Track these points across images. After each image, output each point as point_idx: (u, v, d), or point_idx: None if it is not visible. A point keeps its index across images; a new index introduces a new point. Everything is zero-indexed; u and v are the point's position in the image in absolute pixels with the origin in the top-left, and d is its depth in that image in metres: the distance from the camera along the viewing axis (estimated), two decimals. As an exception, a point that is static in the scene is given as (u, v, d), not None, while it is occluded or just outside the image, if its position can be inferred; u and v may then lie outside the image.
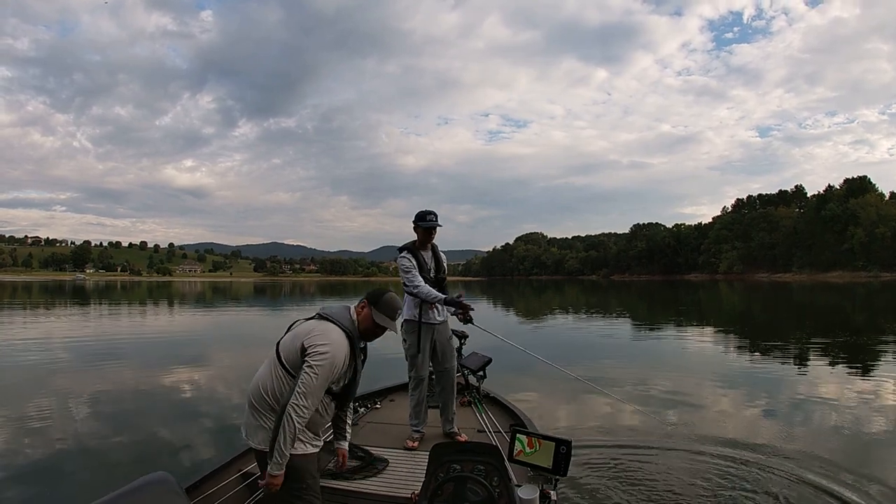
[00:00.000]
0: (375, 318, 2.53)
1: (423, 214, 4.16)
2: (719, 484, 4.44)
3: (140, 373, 9.96)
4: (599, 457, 5.08)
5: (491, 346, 5.51)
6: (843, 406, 7.09)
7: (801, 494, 4.24)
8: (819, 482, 4.45)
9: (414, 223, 4.19)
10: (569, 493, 4.18)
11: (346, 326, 2.49)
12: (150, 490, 1.97)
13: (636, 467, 4.83)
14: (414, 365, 4.17)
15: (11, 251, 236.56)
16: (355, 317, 2.57)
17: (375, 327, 2.54)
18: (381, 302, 2.55)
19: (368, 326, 2.54)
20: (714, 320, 21.90)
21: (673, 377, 9.14)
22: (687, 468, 4.80)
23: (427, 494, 2.44)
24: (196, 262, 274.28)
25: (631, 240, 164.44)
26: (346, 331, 2.48)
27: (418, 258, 4.15)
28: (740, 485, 4.43)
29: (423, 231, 4.15)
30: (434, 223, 4.14)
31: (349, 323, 2.52)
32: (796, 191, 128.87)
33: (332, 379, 2.41)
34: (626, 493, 4.28)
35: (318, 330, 2.45)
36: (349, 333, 2.48)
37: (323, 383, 2.35)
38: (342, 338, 2.45)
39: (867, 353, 11.94)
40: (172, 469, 4.59)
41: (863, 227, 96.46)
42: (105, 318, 23.79)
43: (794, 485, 4.43)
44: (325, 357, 2.35)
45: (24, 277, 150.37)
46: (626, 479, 4.56)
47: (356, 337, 2.52)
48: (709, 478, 4.58)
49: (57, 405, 7.36)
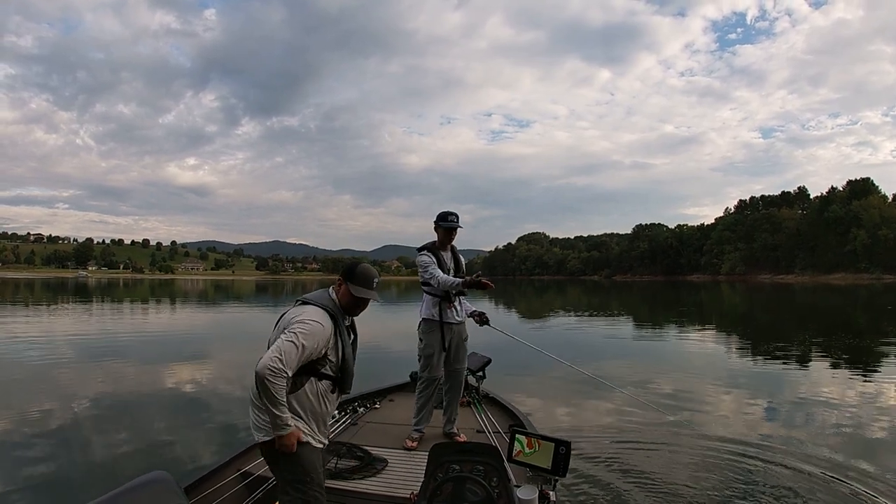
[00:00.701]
0: (353, 292, 2.54)
1: (445, 215, 4.20)
2: (721, 483, 4.44)
3: (141, 371, 9.99)
4: (599, 457, 5.07)
5: (491, 346, 5.51)
6: (845, 406, 7.09)
7: (804, 490, 4.24)
8: (821, 476, 4.46)
9: (435, 223, 4.23)
10: (568, 494, 4.17)
11: (327, 305, 2.50)
12: (149, 489, 1.96)
13: (635, 468, 4.82)
14: (429, 365, 4.15)
15: (14, 248, 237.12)
16: (335, 296, 2.58)
17: (356, 300, 2.56)
18: (355, 275, 2.57)
19: (349, 301, 2.56)
20: (716, 321, 21.90)
21: (674, 377, 9.15)
22: (687, 468, 4.80)
23: (426, 494, 2.44)
24: (198, 261, 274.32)
25: (633, 240, 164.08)
26: (327, 308, 2.48)
27: (438, 257, 4.19)
28: (742, 484, 4.43)
29: (444, 231, 4.19)
30: (455, 224, 4.18)
31: (329, 302, 2.53)
32: (799, 192, 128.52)
33: (314, 350, 2.36)
34: (625, 493, 4.28)
35: (297, 312, 2.47)
36: (330, 311, 2.48)
37: (300, 350, 2.30)
38: (323, 314, 2.45)
39: (869, 355, 11.92)
40: (172, 468, 4.60)
41: (865, 229, 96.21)
42: (107, 315, 23.84)
43: (797, 481, 4.43)
44: (304, 324, 2.35)
45: (27, 274, 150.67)
46: (626, 479, 4.56)
47: (339, 314, 2.52)
48: (710, 477, 4.57)
49: (57, 402, 7.37)
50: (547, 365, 4.52)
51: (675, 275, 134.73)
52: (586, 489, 4.33)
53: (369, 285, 2.57)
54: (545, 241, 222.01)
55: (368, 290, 2.56)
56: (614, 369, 9.98)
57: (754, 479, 4.56)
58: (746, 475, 4.66)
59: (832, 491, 4.29)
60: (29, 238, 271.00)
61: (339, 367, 2.53)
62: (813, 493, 4.25)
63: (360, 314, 2.67)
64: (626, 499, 4.19)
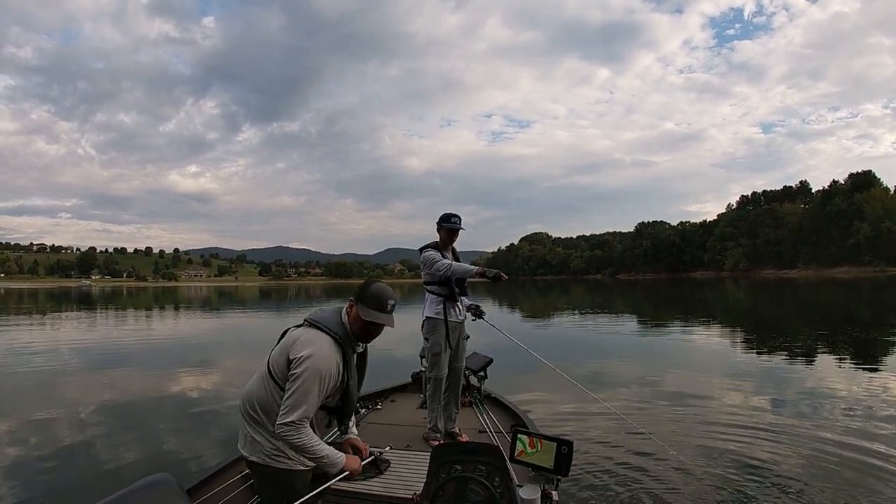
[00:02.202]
0: (364, 316, 2.31)
1: (448, 217, 4.22)
2: (722, 483, 4.41)
3: (144, 376, 10.02)
4: (601, 456, 5.06)
5: (492, 346, 5.51)
6: (853, 401, 7.03)
7: (812, 485, 4.22)
8: (826, 478, 4.43)
9: (438, 224, 4.25)
10: (570, 494, 4.16)
11: (336, 332, 2.30)
12: (151, 491, 1.95)
13: (638, 466, 4.81)
14: (437, 363, 4.16)
15: (17, 258, 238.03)
16: (346, 319, 2.37)
17: (367, 325, 2.33)
18: (366, 296, 2.33)
19: (360, 326, 2.33)
20: (721, 318, 21.82)
21: (679, 374, 9.11)
22: (691, 466, 4.78)
23: (429, 495, 2.43)
24: (201, 267, 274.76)
25: (636, 238, 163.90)
26: (335, 336, 2.29)
27: (443, 256, 4.20)
28: (748, 479, 4.41)
29: (447, 233, 4.21)
30: (458, 226, 4.20)
31: (339, 327, 2.33)
32: (801, 186, 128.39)
33: (323, 392, 2.25)
34: (628, 492, 4.27)
35: (303, 339, 2.28)
36: (339, 339, 2.30)
37: (310, 397, 2.19)
38: (330, 347, 2.27)
39: (877, 348, 11.88)
40: (175, 470, 4.61)
41: (868, 222, 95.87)
42: (111, 323, 23.87)
43: (805, 476, 4.42)
44: (308, 369, 2.18)
45: (30, 284, 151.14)
46: (628, 478, 4.54)
47: (348, 341, 2.34)
48: (715, 474, 4.55)
49: (61, 408, 7.42)
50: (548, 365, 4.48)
51: (679, 272, 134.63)
52: (589, 488, 4.32)
53: (383, 308, 2.32)
54: (548, 241, 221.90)
55: (381, 314, 2.32)
56: (617, 368, 9.97)
57: (761, 475, 4.54)
58: (753, 470, 4.64)
59: (836, 486, 4.28)
60: (32, 248, 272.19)
61: (340, 399, 2.43)
62: (816, 490, 4.23)
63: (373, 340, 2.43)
64: (629, 498, 4.18)
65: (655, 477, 4.56)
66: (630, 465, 4.83)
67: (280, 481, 2.32)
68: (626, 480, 4.49)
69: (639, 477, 4.57)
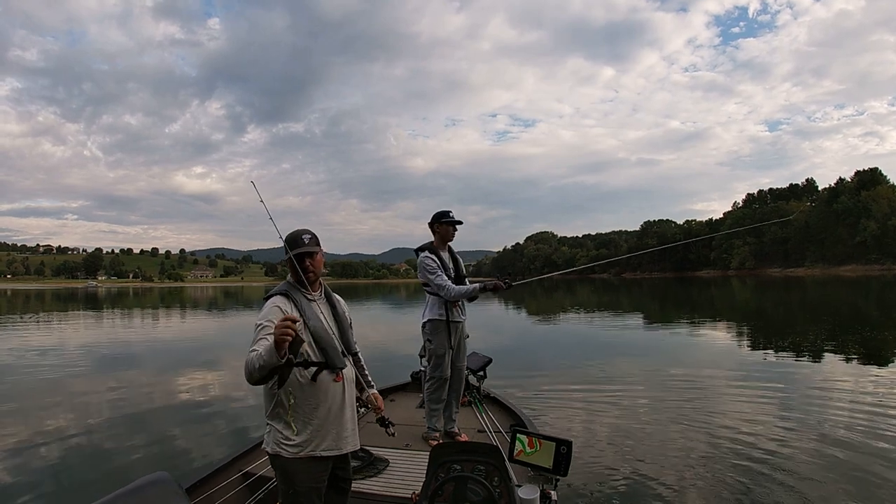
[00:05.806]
0: (294, 259, 2.53)
1: (445, 212, 4.19)
2: (724, 482, 4.40)
3: (147, 376, 10.08)
4: (601, 456, 5.06)
5: (491, 346, 5.51)
6: (860, 400, 6.98)
7: (815, 494, 4.18)
8: (832, 478, 4.40)
9: (434, 223, 4.20)
10: (569, 494, 4.16)
11: (278, 290, 2.53)
12: (150, 490, 1.96)
13: (638, 466, 4.80)
14: (440, 364, 4.14)
15: (24, 260, 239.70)
16: (288, 277, 2.61)
17: (294, 265, 2.53)
18: (287, 244, 2.57)
19: (292, 268, 2.55)
20: (727, 316, 21.70)
21: (681, 373, 9.07)
22: (692, 466, 4.76)
23: (427, 494, 2.43)
24: (207, 268, 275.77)
25: (641, 237, 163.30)
26: (278, 293, 2.51)
27: (440, 258, 4.15)
28: (749, 480, 4.39)
29: (447, 228, 4.17)
30: (457, 220, 4.17)
31: (282, 286, 2.56)
32: (807, 184, 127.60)
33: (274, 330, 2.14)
34: (627, 492, 4.27)
35: None
36: (280, 290, 2.52)
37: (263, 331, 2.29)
38: (271, 301, 2.46)
39: (885, 346, 11.80)
40: (174, 469, 4.63)
41: (875, 220, 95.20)
42: (116, 324, 24.01)
43: (809, 478, 4.39)
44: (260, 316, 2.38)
45: (37, 285, 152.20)
46: (628, 478, 4.54)
47: (294, 289, 2.53)
48: (716, 475, 4.54)
49: (63, 407, 7.51)
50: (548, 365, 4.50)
51: (685, 271, 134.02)
52: (588, 488, 4.31)
53: (300, 244, 2.54)
54: (553, 240, 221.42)
55: (294, 246, 2.54)
56: (619, 366, 9.93)
57: (765, 475, 4.52)
58: (756, 470, 4.62)
59: (841, 484, 4.25)
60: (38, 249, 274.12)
61: (315, 345, 2.44)
62: (822, 490, 4.21)
63: (317, 279, 2.62)
64: (629, 497, 4.17)
65: (655, 476, 4.54)
66: (630, 465, 4.82)
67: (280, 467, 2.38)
68: (625, 480, 4.48)
69: (639, 476, 4.55)
